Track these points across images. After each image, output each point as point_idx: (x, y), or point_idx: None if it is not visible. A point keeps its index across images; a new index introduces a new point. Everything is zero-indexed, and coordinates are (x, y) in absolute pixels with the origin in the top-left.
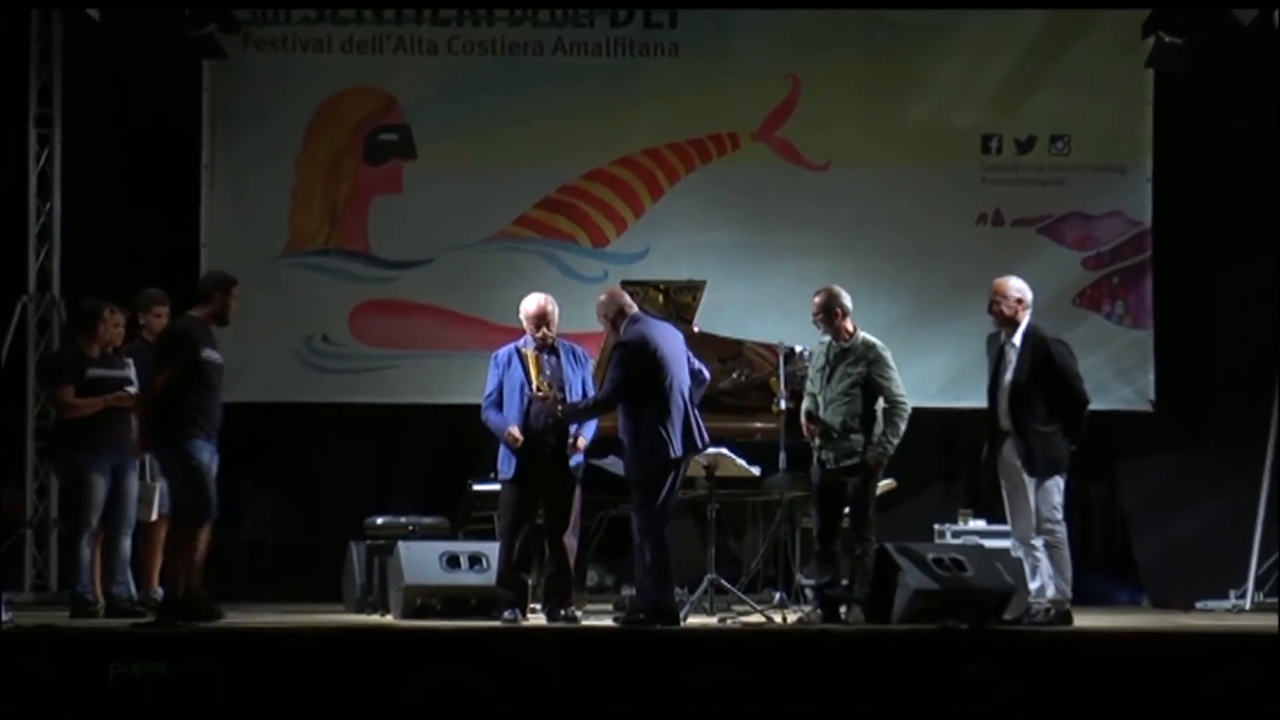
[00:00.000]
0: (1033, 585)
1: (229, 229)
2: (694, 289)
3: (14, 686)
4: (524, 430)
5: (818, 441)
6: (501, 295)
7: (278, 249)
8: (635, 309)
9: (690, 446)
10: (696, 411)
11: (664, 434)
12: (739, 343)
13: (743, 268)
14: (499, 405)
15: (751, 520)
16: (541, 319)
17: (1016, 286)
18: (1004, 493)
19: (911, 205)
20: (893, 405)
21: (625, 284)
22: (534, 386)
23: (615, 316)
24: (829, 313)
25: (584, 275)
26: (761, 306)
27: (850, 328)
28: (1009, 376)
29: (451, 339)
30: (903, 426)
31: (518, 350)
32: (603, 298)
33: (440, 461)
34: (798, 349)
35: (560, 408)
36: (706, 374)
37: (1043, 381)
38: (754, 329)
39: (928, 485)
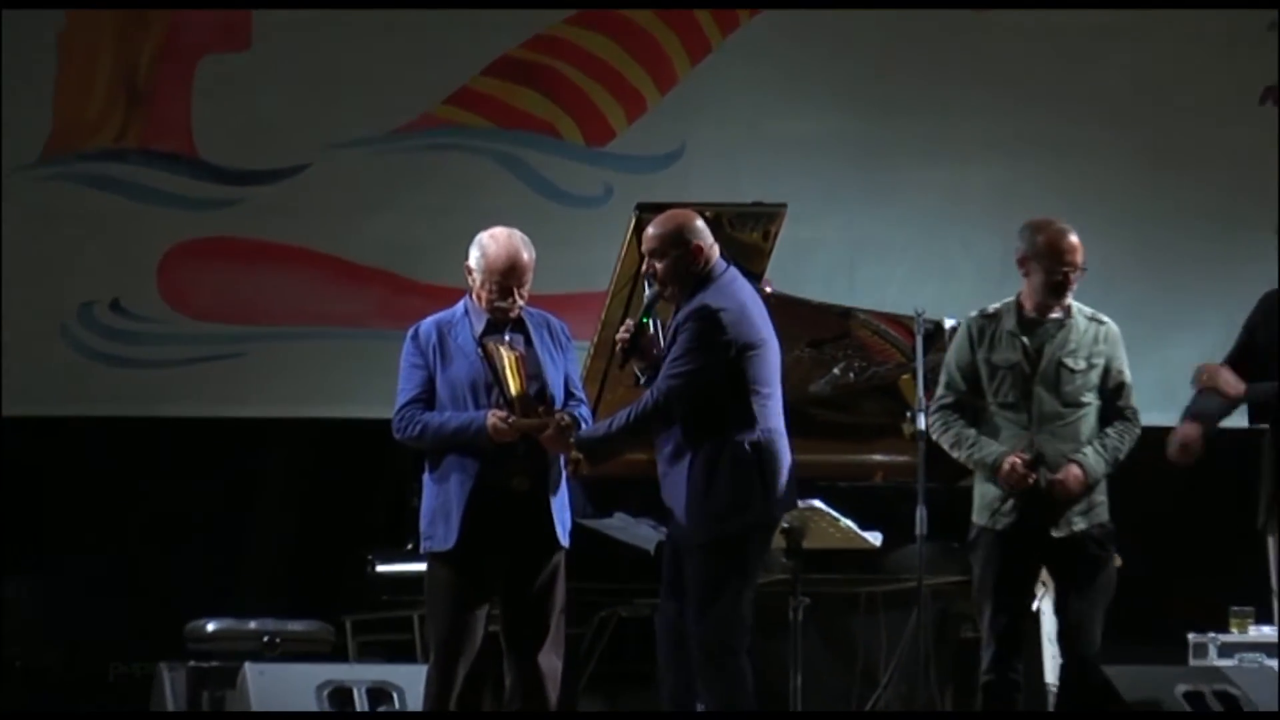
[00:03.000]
0: None
1: None
2: (765, 219)
3: None
4: (480, 474)
5: (1009, 500)
6: (425, 227)
7: (34, 150)
8: (717, 252)
9: (791, 497)
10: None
11: (759, 473)
12: (845, 313)
13: (850, 182)
14: (428, 408)
15: (867, 626)
16: (511, 274)
17: None
18: (1275, 567)
19: (1141, 72)
20: (1130, 416)
21: (643, 209)
22: (516, 406)
23: (685, 265)
24: (1061, 264)
25: (570, 192)
26: (883, 249)
27: None
28: None
29: (338, 307)
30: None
31: (482, 344)
32: (655, 231)
33: (319, 521)
34: (948, 323)
35: (574, 438)
36: None
37: None
38: (870, 289)
39: (1175, 564)
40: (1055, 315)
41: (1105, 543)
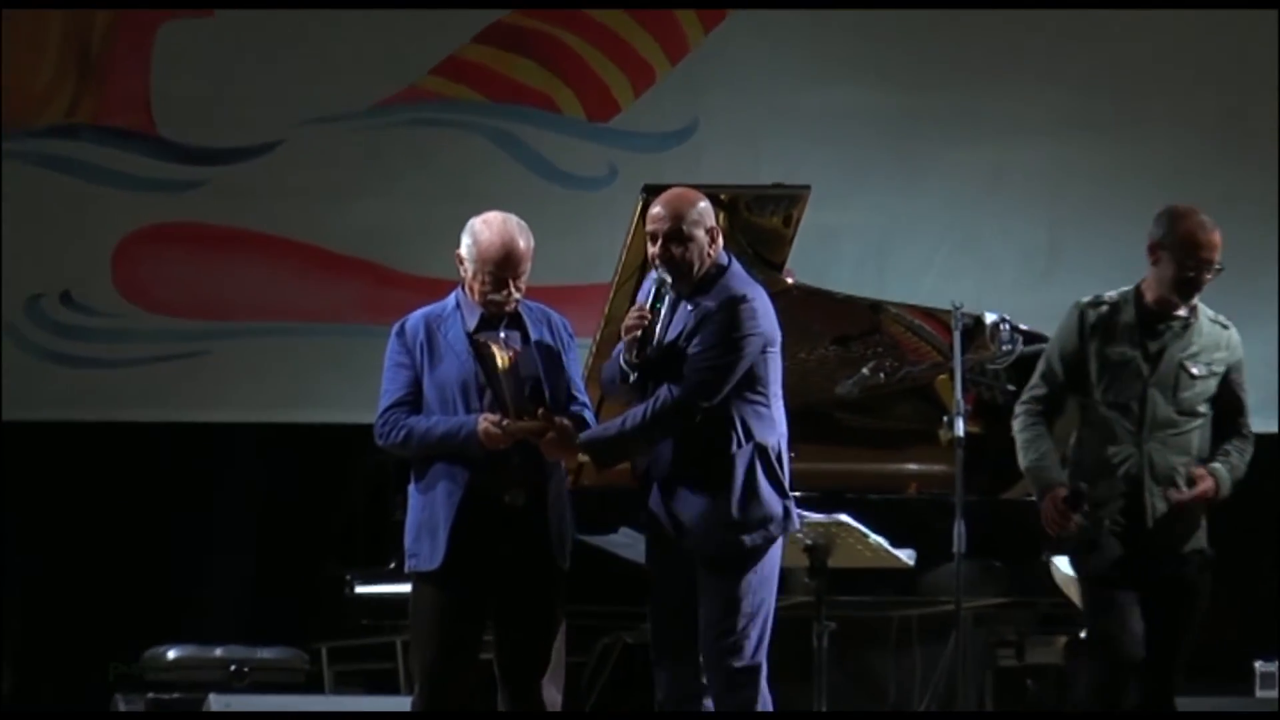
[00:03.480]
0: None
1: None
2: (787, 203)
3: None
4: (471, 485)
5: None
6: (410, 212)
7: None
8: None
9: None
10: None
11: (780, 482)
12: (874, 307)
13: (880, 161)
14: (415, 411)
15: (900, 654)
16: (506, 264)
17: None
18: None
19: (1203, 42)
20: (1247, 434)
21: (651, 191)
22: (511, 409)
23: (705, 249)
24: (1196, 260)
25: (570, 172)
26: (917, 235)
27: None
28: None
29: (314, 300)
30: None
31: (474, 341)
32: (670, 211)
33: (292, 537)
34: (988, 318)
35: (579, 439)
36: None
37: None
38: (902, 280)
39: (1239, 585)
40: (1180, 314)
41: (1204, 571)
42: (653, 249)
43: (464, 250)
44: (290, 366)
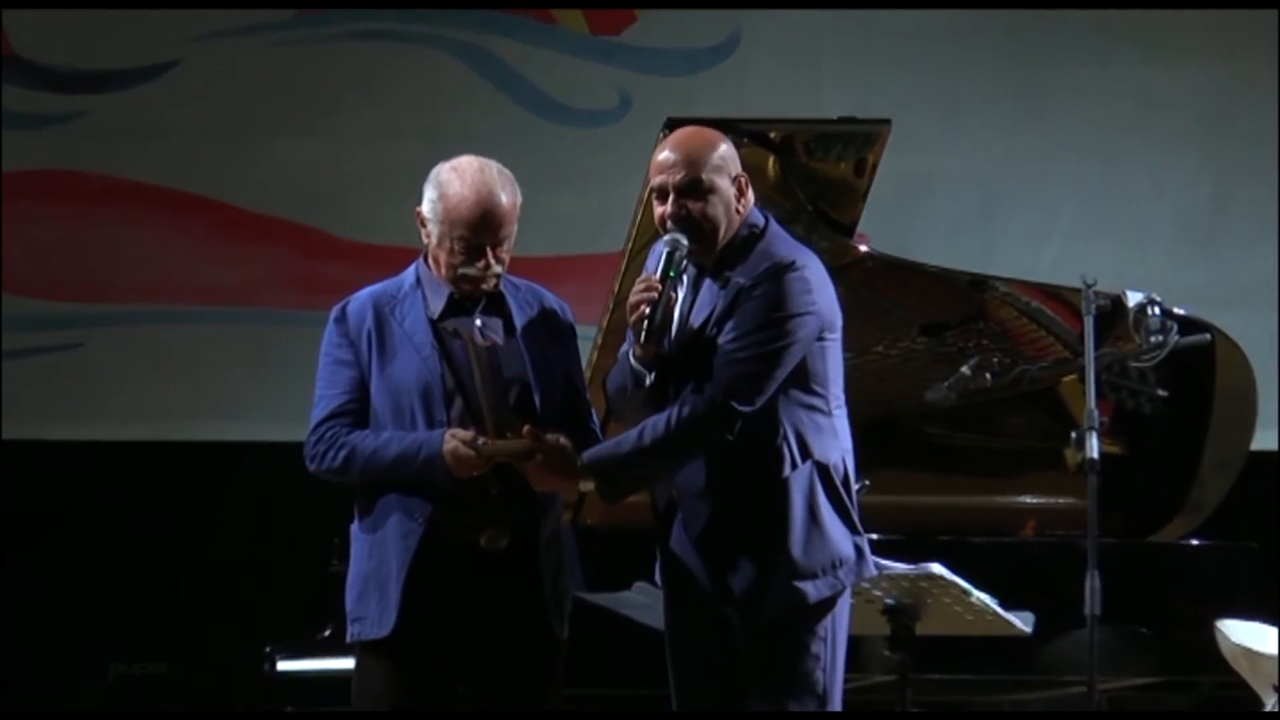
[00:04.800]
0: None
1: None
2: (859, 143)
3: None
4: (433, 524)
5: None
6: (352, 158)
7: None
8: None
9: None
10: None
11: (848, 512)
12: (977, 284)
13: (985, 88)
14: (359, 424)
15: None
16: (483, 227)
17: None
18: None
19: None
20: None
21: (674, 126)
22: (489, 422)
23: (732, 205)
24: None
25: (568, 104)
26: (1035, 187)
27: None
28: None
29: (223, 275)
30: None
31: (441, 331)
32: (684, 156)
33: (196, 595)
34: (1132, 299)
35: (586, 462)
36: None
37: None
38: (1016, 248)
39: None
40: None
41: None
42: (662, 207)
43: (427, 208)
44: (189, 365)
